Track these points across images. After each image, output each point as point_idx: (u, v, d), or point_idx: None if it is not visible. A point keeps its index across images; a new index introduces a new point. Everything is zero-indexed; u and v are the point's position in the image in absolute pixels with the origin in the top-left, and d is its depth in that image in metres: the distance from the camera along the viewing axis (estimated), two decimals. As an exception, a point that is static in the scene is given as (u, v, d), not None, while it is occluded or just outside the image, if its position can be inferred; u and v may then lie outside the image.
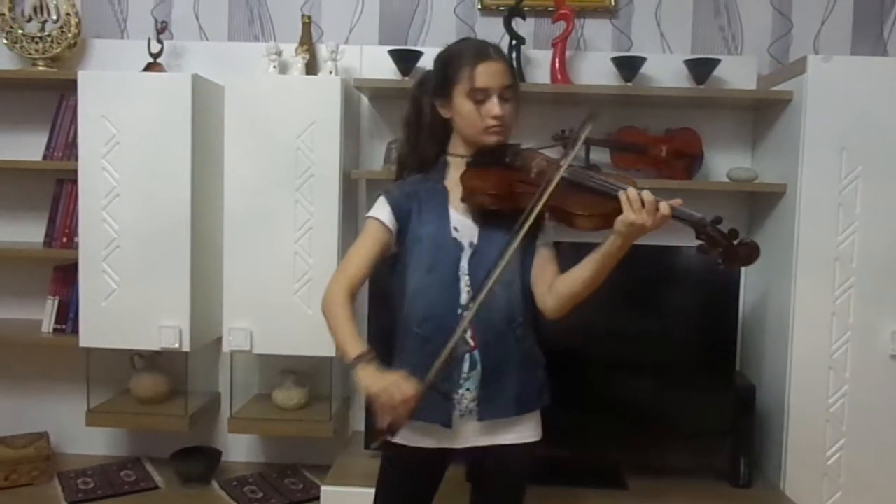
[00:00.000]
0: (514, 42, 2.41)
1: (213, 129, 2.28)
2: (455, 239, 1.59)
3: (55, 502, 2.27)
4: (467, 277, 1.58)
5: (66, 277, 2.44)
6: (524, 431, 1.64)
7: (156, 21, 2.50)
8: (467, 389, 1.57)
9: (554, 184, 1.49)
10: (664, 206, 1.45)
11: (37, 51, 2.45)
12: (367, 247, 1.60)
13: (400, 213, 1.60)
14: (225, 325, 2.26)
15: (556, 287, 1.57)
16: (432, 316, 1.57)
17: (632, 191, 1.45)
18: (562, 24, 2.41)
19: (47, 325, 2.45)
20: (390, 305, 1.67)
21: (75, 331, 2.33)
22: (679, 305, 2.30)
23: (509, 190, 1.56)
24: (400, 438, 1.59)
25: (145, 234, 2.24)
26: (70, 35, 2.46)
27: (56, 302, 2.45)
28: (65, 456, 2.57)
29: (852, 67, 2.16)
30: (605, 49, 2.54)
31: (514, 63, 2.40)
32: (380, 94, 2.47)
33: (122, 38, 2.59)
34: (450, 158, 1.65)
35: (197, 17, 2.60)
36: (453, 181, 1.62)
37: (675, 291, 2.30)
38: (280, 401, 2.40)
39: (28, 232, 2.54)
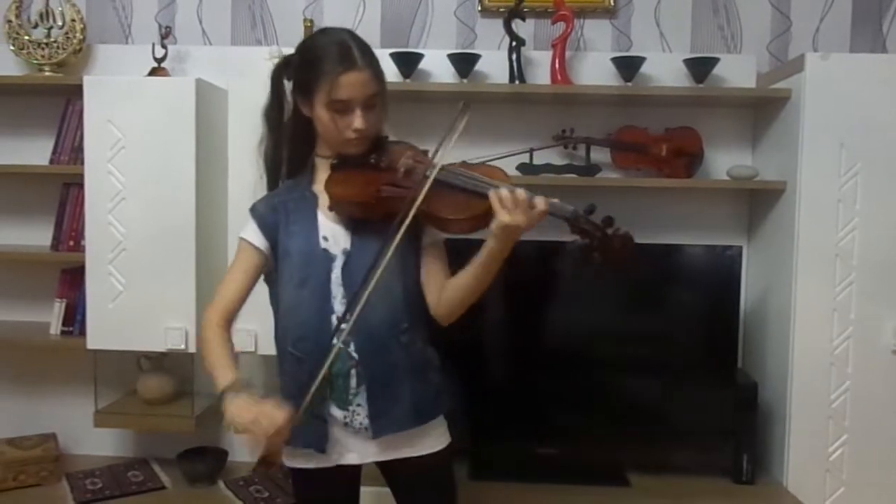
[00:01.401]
0: (514, 43, 2.42)
1: (217, 132, 2.30)
2: (325, 250, 1.50)
3: (63, 502, 2.29)
4: (341, 289, 1.48)
5: (73, 280, 2.47)
6: (429, 442, 1.55)
7: (160, 26, 2.52)
8: (359, 405, 1.49)
9: (424, 192, 1.40)
10: (540, 202, 1.35)
11: (43, 56, 2.48)
12: (239, 270, 1.53)
13: (266, 229, 1.52)
14: (230, 326, 2.28)
15: (444, 295, 1.50)
16: (306, 335, 1.48)
17: (503, 190, 1.35)
18: (561, 25, 2.43)
19: (55, 328, 2.47)
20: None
21: (82, 333, 2.35)
22: (681, 303, 2.31)
23: (377, 196, 1.46)
24: (302, 462, 1.53)
25: (151, 236, 2.26)
26: (75, 41, 2.48)
27: (63, 304, 2.47)
28: (73, 457, 2.59)
29: (850, 65, 2.17)
30: (604, 49, 2.55)
31: (515, 63, 2.42)
32: (381, 96, 2.48)
33: (126, 43, 2.62)
34: (317, 160, 1.56)
35: (200, 22, 2.62)
36: (322, 184, 1.51)
37: (676, 290, 2.31)
38: (285, 401, 2.42)
39: (35, 235, 2.56)
